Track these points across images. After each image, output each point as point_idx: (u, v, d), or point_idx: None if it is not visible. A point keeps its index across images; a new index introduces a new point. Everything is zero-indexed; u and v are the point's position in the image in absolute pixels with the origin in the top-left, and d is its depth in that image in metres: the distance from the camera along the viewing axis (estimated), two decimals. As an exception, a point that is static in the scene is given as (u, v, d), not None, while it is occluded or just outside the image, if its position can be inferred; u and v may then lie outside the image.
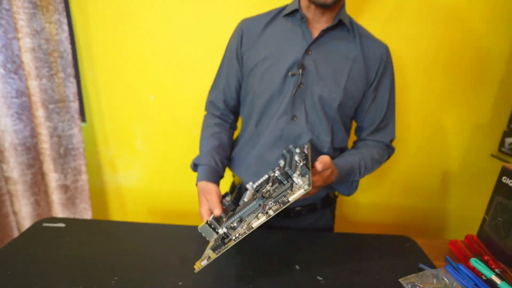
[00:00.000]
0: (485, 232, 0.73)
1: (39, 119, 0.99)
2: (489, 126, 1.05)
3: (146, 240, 0.69)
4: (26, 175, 1.09)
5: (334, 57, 0.70)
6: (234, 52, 0.75)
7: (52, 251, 0.64)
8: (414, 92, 1.04)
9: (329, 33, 0.70)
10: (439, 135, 1.10)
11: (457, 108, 1.06)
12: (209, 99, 0.82)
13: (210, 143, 0.75)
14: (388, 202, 1.20)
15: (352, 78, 0.70)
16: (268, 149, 0.74)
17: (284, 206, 0.49)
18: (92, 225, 0.78)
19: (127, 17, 1.01)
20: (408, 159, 1.13)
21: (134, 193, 1.22)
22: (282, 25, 0.72)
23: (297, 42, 0.70)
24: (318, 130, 0.72)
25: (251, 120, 0.76)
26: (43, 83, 0.97)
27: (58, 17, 0.96)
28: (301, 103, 0.70)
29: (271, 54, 0.70)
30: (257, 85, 0.72)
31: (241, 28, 0.75)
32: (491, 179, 0.74)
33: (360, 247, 0.71)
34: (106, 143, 1.16)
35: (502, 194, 0.70)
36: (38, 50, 0.94)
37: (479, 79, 1.02)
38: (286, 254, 0.66)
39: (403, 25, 0.97)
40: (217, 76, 0.81)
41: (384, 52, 0.73)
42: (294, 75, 0.68)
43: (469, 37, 0.98)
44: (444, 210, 1.19)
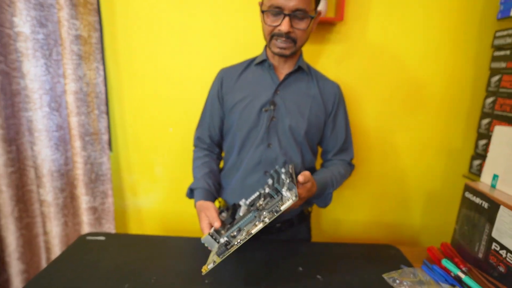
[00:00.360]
0: (456, 239, 0.88)
1: (76, 149, 1.16)
2: (461, 151, 1.23)
3: (167, 251, 0.83)
4: (59, 198, 1.23)
5: (297, 95, 0.87)
6: (216, 96, 0.91)
7: (96, 258, 0.78)
8: (395, 120, 1.23)
9: (292, 76, 0.87)
10: (420, 159, 1.26)
11: (434, 136, 1.23)
12: (196, 136, 0.97)
13: (202, 170, 0.90)
14: (375, 219, 1.34)
15: (313, 111, 0.88)
16: (249, 173, 0.87)
17: (277, 214, 0.59)
18: (125, 238, 0.92)
19: (149, 66, 1.21)
20: (393, 180, 1.29)
21: (152, 214, 1.36)
22: (254, 72, 0.89)
23: (268, 85, 0.86)
24: (290, 153, 0.87)
25: (234, 150, 0.89)
26: (82, 119, 1.15)
27: (96, 65, 1.16)
28: (275, 133, 0.85)
29: (248, 95, 0.86)
30: (237, 120, 0.87)
31: (221, 75, 0.92)
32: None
33: (352, 254, 0.84)
34: (129, 170, 1.32)
35: (466, 207, 0.85)
36: (80, 92, 1.13)
37: (452, 113, 1.21)
38: (290, 259, 0.79)
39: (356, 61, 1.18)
40: (202, 116, 0.96)
41: (337, 90, 0.92)
42: (267, 111, 0.84)
43: (427, 78, 1.18)
44: (424, 222, 1.34)
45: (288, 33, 0.77)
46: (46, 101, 1.15)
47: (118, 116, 1.27)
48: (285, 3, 0.74)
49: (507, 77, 0.99)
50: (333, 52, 1.18)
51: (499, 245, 0.72)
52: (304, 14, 0.76)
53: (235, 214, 0.76)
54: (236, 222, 0.67)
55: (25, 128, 1.21)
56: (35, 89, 1.13)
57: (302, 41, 0.81)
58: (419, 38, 1.15)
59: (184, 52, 1.19)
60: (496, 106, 1.03)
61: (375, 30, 1.15)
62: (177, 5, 1.15)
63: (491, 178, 0.83)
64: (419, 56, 1.16)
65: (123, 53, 1.21)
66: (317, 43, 1.17)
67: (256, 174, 0.87)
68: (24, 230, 1.26)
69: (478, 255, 0.78)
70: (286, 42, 0.79)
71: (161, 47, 1.19)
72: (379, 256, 0.83)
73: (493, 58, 1.05)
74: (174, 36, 1.18)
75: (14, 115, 1.19)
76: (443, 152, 1.25)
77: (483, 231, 0.77)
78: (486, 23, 1.11)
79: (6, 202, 1.19)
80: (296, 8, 0.74)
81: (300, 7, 0.74)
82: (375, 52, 1.17)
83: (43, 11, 1.09)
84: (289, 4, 0.73)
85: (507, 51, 0.99)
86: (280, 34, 0.77)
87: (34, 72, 1.11)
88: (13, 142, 1.19)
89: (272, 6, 0.75)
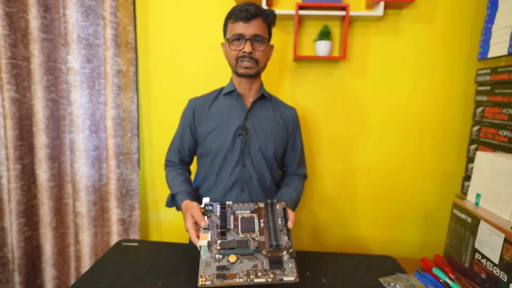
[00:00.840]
0: (447, 251, 0.98)
1: (111, 167, 1.33)
2: (454, 173, 1.35)
3: (191, 255, 0.96)
4: (91, 210, 1.38)
5: (264, 120, 1.01)
6: (188, 124, 1.02)
7: (132, 260, 0.91)
8: (393, 146, 1.37)
9: (257, 103, 1.01)
10: (417, 181, 1.39)
11: (430, 160, 1.36)
12: (167, 159, 1.09)
13: (179, 178, 1.00)
14: (376, 235, 1.44)
15: (278, 133, 1.02)
16: (228, 191, 0.99)
17: (280, 282, 0.67)
18: (155, 244, 1.05)
19: (174, 95, 1.40)
20: (393, 199, 1.41)
21: (171, 227, 1.49)
22: (224, 101, 1.02)
23: (238, 112, 0.99)
24: (262, 170, 1.00)
25: (213, 171, 1.00)
26: (117, 141, 1.32)
27: (132, 94, 1.35)
28: (248, 154, 0.98)
29: (221, 123, 0.98)
30: (214, 146, 0.98)
31: (192, 105, 1.03)
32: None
33: (353, 262, 0.95)
34: (153, 186, 1.47)
35: (454, 222, 0.96)
36: (117, 117, 1.31)
37: (445, 140, 1.35)
38: (299, 265, 0.91)
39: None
40: (173, 141, 1.08)
41: (294, 113, 1.07)
42: (240, 135, 0.97)
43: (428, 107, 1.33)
44: (421, 239, 1.44)
45: (250, 53, 0.91)
46: (87, 125, 1.33)
47: (146, 139, 1.44)
48: (245, 31, 0.90)
49: (488, 108, 1.13)
50: (338, 85, 1.35)
51: (481, 255, 0.83)
52: (261, 38, 0.92)
53: (224, 213, 0.79)
54: (233, 245, 0.71)
55: (67, 147, 1.39)
56: (79, 115, 1.31)
57: (262, 62, 0.96)
58: (413, 75, 1.31)
59: (203, 84, 1.38)
60: (481, 134, 1.17)
61: (373, 67, 1.32)
62: (199, 44, 1.35)
63: (475, 197, 0.96)
64: (413, 90, 1.32)
65: (153, 84, 1.40)
66: (324, 77, 1.34)
67: (234, 191, 0.99)
68: (59, 239, 1.40)
69: (465, 264, 0.89)
70: (250, 62, 0.92)
71: (185, 80, 1.39)
72: (377, 264, 0.94)
73: (476, 92, 1.20)
74: (196, 70, 1.38)
75: (58, 136, 1.38)
76: (438, 175, 1.37)
77: (468, 243, 0.88)
78: (470, 63, 1.27)
79: (46, 213, 1.35)
80: (255, 34, 0.90)
81: (257, 33, 0.91)
82: (373, 86, 1.33)
83: (91, 50, 1.30)
84: (249, 31, 0.90)
85: (487, 86, 1.14)
86: (244, 55, 0.91)
87: (80, 100, 1.30)
88: (56, 160, 1.37)
89: (235, 34, 0.91)
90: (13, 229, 1.31)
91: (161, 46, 1.37)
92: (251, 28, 0.90)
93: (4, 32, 1.20)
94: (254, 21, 0.90)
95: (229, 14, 0.94)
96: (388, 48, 1.31)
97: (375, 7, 1.24)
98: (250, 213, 0.80)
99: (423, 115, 1.34)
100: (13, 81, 1.25)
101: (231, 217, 0.79)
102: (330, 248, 1.47)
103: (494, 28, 1.10)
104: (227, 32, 0.96)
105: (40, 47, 1.25)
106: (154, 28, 1.36)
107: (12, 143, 1.27)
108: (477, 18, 1.24)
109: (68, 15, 1.23)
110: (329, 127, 1.38)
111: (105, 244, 1.44)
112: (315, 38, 1.27)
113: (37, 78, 1.27)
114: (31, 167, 1.35)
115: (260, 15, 0.91)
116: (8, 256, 1.37)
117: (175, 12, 1.34)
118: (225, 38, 0.97)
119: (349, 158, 1.40)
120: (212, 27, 1.34)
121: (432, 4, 1.26)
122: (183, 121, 1.06)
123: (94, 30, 1.30)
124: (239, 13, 0.90)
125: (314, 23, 1.31)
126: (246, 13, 0.89)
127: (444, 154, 1.36)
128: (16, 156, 1.28)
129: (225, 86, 1.05)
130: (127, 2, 1.27)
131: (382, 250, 1.44)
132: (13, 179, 1.29)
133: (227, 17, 0.95)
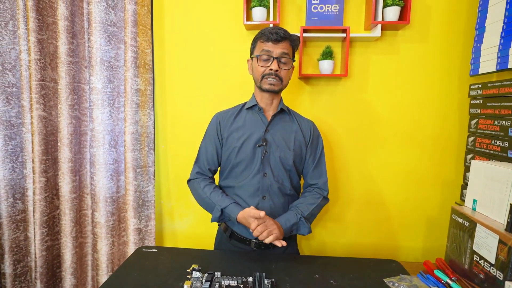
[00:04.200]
0: (448, 255, 1.04)
1: (129, 179, 1.41)
2: (453, 182, 1.42)
3: (207, 259, 1.03)
4: (109, 221, 1.46)
5: (283, 131, 1.08)
6: (215, 134, 1.10)
7: (153, 264, 0.98)
8: (395, 158, 1.45)
9: (277, 117, 1.09)
10: (419, 189, 1.45)
11: (430, 169, 1.44)
12: (195, 171, 1.13)
13: (218, 193, 1.06)
14: (380, 241, 1.50)
15: (297, 143, 1.09)
16: (249, 200, 1.06)
17: None
18: (173, 250, 1.12)
19: (187, 112, 1.50)
20: (396, 207, 1.47)
21: (184, 236, 1.56)
22: (246, 115, 1.10)
23: (259, 125, 1.07)
24: (282, 179, 1.08)
25: (235, 181, 1.08)
26: (135, 155, 1.42)
27: (149, 111, 1.46)
28: (268, 164, 1.06)
29: (243, 134, 1.06)
30: (236, 156, 1.06)
31: (218, 118, 1.12)
32: (447, 217, 1.08)
33: (359, 265, 1.01)
34: (168, 197, 1.55)
35: (453, 226, 1.03)
36: (135, 132, 1.41)
37: (444, 150, 1.42)
38: (308, 268, 0.98)
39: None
40: (200, 153, 1.14)
41: (311, 124, 1.15)
42: (260, 146, 1.05)
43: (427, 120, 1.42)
44: (424, 244, 1.49)
45: (276, 71, 1.01)
46: (107, 140, 1.43)
47: (162, 152, 1.54)
48: (274, 50, 1.00)
49: (482, 120, 1.22)
50: (340, 100, 1.44)
51: (479, 256, 0.89)
52: (287, 58, 1.02)
53: (211, 282, 0.82)
54: None
55: (87, 161, 1.49)
56: (100, 131, 1.42)
57: (286, 81, 1.04)
58: (410, 90, 1.41)
59: (215, 102, 1.49)
60: (476, 144, 1.24)
61: (373, 83, 1.42)
62: (211, 65, 1.47)
63: (472, 202, 1.02)
64: (411, 104, 1.41)
65: (169, 102, 1.51)
66: (327, 94, 1.44)
67: (256, 199, 1.06)
68: (78, 248, 1.48)
69: (465, 266, 0.95)
70: (275, 79, 1.01)
71: (198, 98, 1.49)
72: (382, 267, 1.00)
73: (470, 105, 1.29)
74: (208, 89, 1.48)
75: (80, 151, 1.48)
76: (438, 183, 1.44)
77: (467, 246, 0.95)
78: (463, 78, 1.37)
79: (67, 223, 1.43)
80: (282, 52, 1.00)
81: (285, 51, 1.01)
82: (374, 101, 1.43)
83: (112, 71, 1.42)
84: (277, 51, 1.00)
85: (480, 100, 1.23)
86: (270, 73, 1.01)
87: (101, 117, 1.41)
88: (77, 173, 1.46)
89: (264, 51, 1.01)
90: (36, 239, 1.39)
91: (176, 67, 1.49)
92: (279, 48, 1.01)
93: (36, 57, 1.32)
94: (283, 43, 1.01)
95: (259, 34, 1.05)
96: (386, 65, 1.41)
97: (373, 29, 1.35)
98: (237, 284, 0.82)
99: (422, 127, 1.42)
100: (41, 100, 1.36)
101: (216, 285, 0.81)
102: (336, 254, 1.52)
103: (483, 47, 1.20)
104: (256, 49, 1.06)
105: (66, 69, 1.37)
106: (170, 50, 1.48)
107: (38, 157, 1.37)
108: (466, 38, 1.35)
109: (93, 41, 1.36)
110: (333, 139, 1.47)
111: (121, 253, 1.51)
112: (319, 58, 1.38)
113: (63, 97, 1.38)
114: (54, 179, 1.44)
115: (288, 39, 1.02)
116: (30, 264, 1.45)
117: (188, 35, 1.46)
118: (252, 55, 1.08)
119: (355, 169, 1.48)
120: (223, 49, 1.45)
121: (425, 26, 1.37)
122: (209, 133, 1.13)
123: (115, 53, 1.42)
124: (270, 35, 1.00)
125: (317, 44, 1.42)
126: (276, 36, 1.00)
127: (443, 164, 1.43)
128: (42, 169, 1.38)
129: (248, 101, 1.13)
130: (146, 28, 1.40)
131: (387, 256, 1.49)
132: (38, 191, 1.38)
133: (257, 37, 1.06)
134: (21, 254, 1.44)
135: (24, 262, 1.44)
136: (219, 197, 1.05)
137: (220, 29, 1.45)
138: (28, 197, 1.43)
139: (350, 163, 1.47)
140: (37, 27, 1.32)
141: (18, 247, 1.43)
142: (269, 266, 0.96)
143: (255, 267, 0.94)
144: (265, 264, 0.97)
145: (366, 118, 1.44)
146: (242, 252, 1.07)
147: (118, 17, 1.40)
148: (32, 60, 1.32)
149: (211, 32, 1.45)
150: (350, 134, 1.46)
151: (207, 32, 1.45)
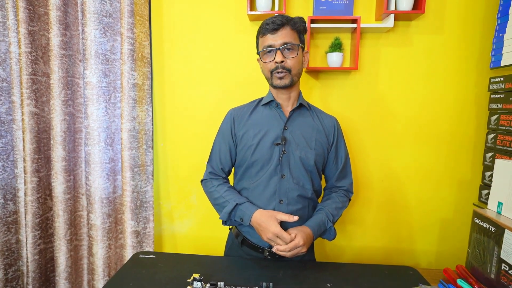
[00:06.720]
0: (469, 262, 0.96)
1: (126, 179, 1.34)
2: (470, 182, 1.33)
3: (207, 265, 0.95)
4: (106, 223, 1.38)
5: (303, 128, 0.99)
6: (228, 132, 1.02)
7: (152, 272, 0.90)
8: (409, 156, 1.36)
9: (295, 112, 1.00)
10: (434, 190, 1.37)
11: (446, 169, 1.35)
12: (208, 171, 1.06)
13: (231, 192, 0.98)
14: (394, 245, 1.42)
15: (318, 142, 1.00)
16: (266, 204, 0.95)
17: None
18: (172, 256, 1.04)
19: (188, 107, 1.42)
20: (410, 209, 1.39)
21: (185, 238, 1.49)
22: (263, 111, 1.02)
23: (277, 122, 0.98)
24: (302, 181, 0.97)
25: (250, 183, 0.98)
26: (132, 153, 1.34)
27: (147, 107, 1.38)
28: (287, 165, 0.96)
29: (259, 132, 0.97)
30: (251, 156, 0.97)
31: (232, 115, 1.04)
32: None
33: (374, 273, 0.93)
34: (168, 197, 1.47)
35: (476, 231, 0.95)
36: (132, 130, 1.34)
37: (460, 148, 1.34)
38: (320, 277, 0.90)
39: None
40: (213, 152, 1.07)
41: (335, 122, 1.05)
42: (278, 145, 0.95)
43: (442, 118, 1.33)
44: (439, 248, 1.41)
45: (282, 62, 0.92)
46: (103, 138, 1.36)
47: (161, 151, 1.46)
48: (274, 41, 0.92)
49: (504, 116, 1.13)
50: (350, 95, 1.36)
51: (508, 266, 0.81)
52: (291, 45, 0.92)
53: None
54: None
55: (82, 160, 1.41)
56: (95, 128, 1.34)
57: (295, 70, 0.94)
58: (424, 84, 1.32)
59: (219, 96, 1.40)
60: (497, 141, 1.16)
61: (385, 77, 1.34)
62: (212, 59, 1.38)
63: (496, 205, 0.94)
64: (425, 99, 1.33)
65: (168, 97, 1.43)
66: (336, 88, 1.36)
67: (272, 204, 0.96)
68: (72, 252, 1.40)
69: (491, 276, 0.87)
70: (282, 72, 0.93)
71: (199, 93, 1.41)
72: (399, 275, 0.92)
73: (490, 100, 1.20)
74: (209, 84, 1.40)
75: (74, 149, 1.40)
76: (454, 183, 1.35)
77: (493, 253, 0.86)
78: (481, 71, 1.28)
79: (61, 225, 1.36)
80: (284, 42, 0.92)
81: (286, 41, 0.92)
82: (386, 96, 1.34)
83: (107, 65, 1.34)
84: (277, 41, 0.92)
85: (502, 94, 1.14)
86: (277, 67, 0.93)
87: (96, 114, 1.33)
88: (71, 173, 1.38)
89: (265, 46, 0.93)
90: (28, 242, 1.32)
91: (175, 60, 1.40)
92: (279, 37, 0.92)
93: (26, 50, 1.24)
94: (282, 30, 0.92)
95: (258, 30, 0.97)
96: (399, 58, 1.32)
97: (385, 19, 1.26)
98: None
99: (436, 123, 1.33)
100: (33, 96, 1.28)
101: None
102: (347, 257, 1.45)
103: (506, 37, 1.11)
104: (259, 47, 0.99)
105: (59, 63, 1.29)
106: (169, 42, 1.40)
107: (30, 156, 1.29)
108: (485, 28, 1.26)
109: (87, 32, 1.28)
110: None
111: (118, 257, 1.43)
112: (327, 50, 1.30)
113: (55, 92, 1.30)
114: (47, 179, 1.37)
115: (287, 24, 0.93)
116: (22, 269, 1.37)
117: (188, 27, 1.38)
118: (258, 53, 0.99)
119: (365, 167, 1.39)
120: (224, 42, 1.37)
121: (441, 16, 1.28)
122: (223, 130, 1.05)
123: (111, 46, 1.34)
124: (266, 26, 0.92)
125: (325, 35, 1.33)
126: (273, 25, 0.91)
127: (458, 162, 1.35)
128: (34, 169, 1.30)
129: (264, 97, 1.05)
130: (143, 18, 1.32)
131: (399, 260, 1.41)
132: (29, 191, 1.30)
133: (257, 33, 0.98)
134: (13, 258, 1.37)
135: (15, 266, 1.37)
136: (234, 195, 0.97)
137: (222, 19, 1.36)
138: (19, 198, 1.36)
139: (361, 161, 1.39)
140: (27, 17, 1.24)
141: (10, 250, 1.36)
142: (277, 275, 0.88)
143: (262, 276, 0.86)
144: (273, 273, 0.89)
145: (378, 114, 1.36)
146: (248, 259, 0.99)
147: (114, 7, 1.32)
148: (23, 53, 1.24)
149: (212, 24, 1.37)
150: (360, 131, 1.37)
151: (208, 23, 1.37)
